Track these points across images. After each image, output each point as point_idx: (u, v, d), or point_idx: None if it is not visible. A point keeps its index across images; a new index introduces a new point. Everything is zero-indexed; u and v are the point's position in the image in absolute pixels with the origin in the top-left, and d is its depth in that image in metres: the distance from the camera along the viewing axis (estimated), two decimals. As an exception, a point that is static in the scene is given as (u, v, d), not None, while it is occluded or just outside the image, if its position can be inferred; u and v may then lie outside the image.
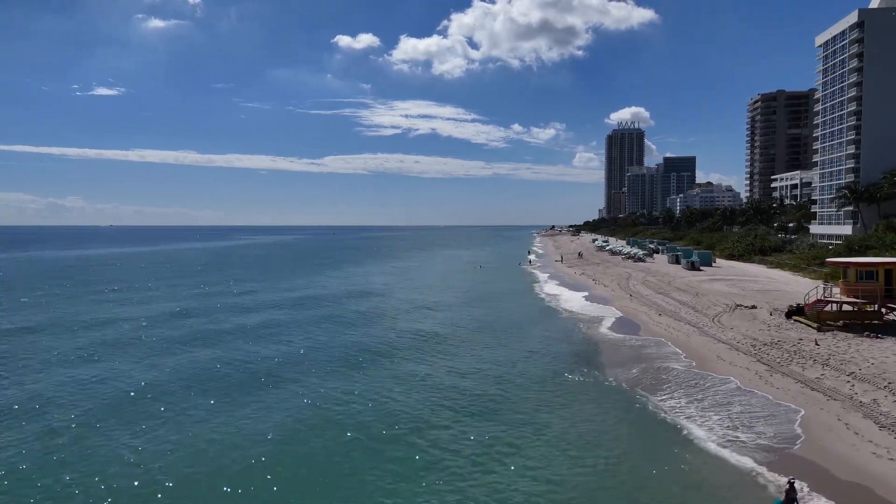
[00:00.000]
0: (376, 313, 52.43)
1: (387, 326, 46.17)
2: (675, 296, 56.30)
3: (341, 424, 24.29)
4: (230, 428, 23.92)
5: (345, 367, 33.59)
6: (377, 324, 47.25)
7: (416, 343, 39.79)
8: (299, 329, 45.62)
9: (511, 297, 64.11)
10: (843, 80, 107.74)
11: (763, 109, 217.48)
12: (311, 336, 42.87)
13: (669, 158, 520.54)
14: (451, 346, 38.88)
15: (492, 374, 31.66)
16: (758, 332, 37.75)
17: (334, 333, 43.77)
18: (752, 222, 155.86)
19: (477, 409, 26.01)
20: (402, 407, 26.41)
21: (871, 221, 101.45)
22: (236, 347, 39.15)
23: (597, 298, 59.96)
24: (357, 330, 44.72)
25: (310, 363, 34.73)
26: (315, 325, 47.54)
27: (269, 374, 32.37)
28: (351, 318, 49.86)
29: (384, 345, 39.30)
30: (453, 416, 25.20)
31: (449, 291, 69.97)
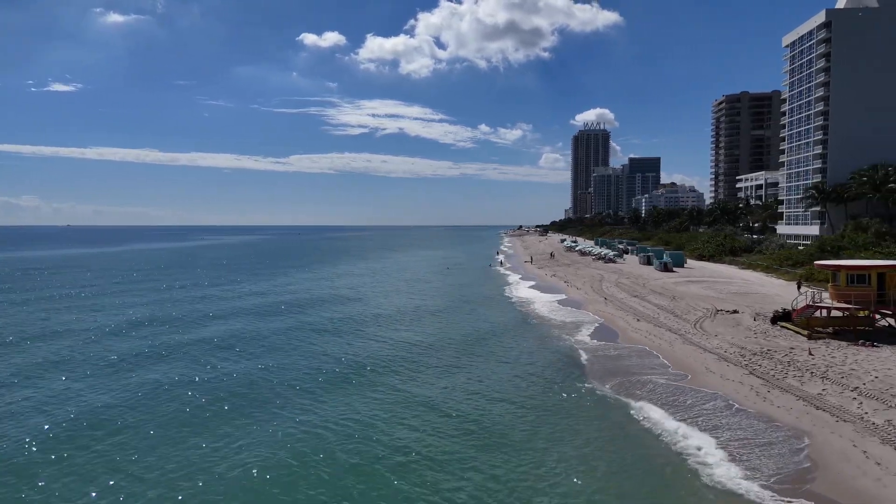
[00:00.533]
0: (340, 323, 48.61)
1: (352, 339, 42.41)
2: (652, 299, 53.98)
3: (317, 452, 20.81)
4: (193, 462, 20.26)
5: (314, 386, 29.86)
6: (342, 335, 43.42)
7: (386, 358, 36.15)
8: (261, 341, 41.66)
9: (481, 303, 61.07)
10: (811, 80, 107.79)
11: (727, 111, 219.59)
12: (274, 348, 38.98)
13: (635, 159, 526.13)
14: (423, 361, 35.52)
15: (468, 392, 28.45)
16: (745, 340, 35.36)
17: (299, 346, 39.89)
18: (718, 222, 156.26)
19: (456, 431, 22.79)
20: (378, 432, 23.05)
21: (839, 222, 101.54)
22: (195, 364, 34.99)
23: (571, 302, 57.32)
24: (322, 344, 40.71)
25: (273, 382, 30.94)
26: (278, 335, 43.65)
27: (232, 394, 28.56)
28: (315, 330, 45.82)
29: (352, 360, 35.51)
30: (429, 439, 21.92)
31: (416, 297, 66.61)
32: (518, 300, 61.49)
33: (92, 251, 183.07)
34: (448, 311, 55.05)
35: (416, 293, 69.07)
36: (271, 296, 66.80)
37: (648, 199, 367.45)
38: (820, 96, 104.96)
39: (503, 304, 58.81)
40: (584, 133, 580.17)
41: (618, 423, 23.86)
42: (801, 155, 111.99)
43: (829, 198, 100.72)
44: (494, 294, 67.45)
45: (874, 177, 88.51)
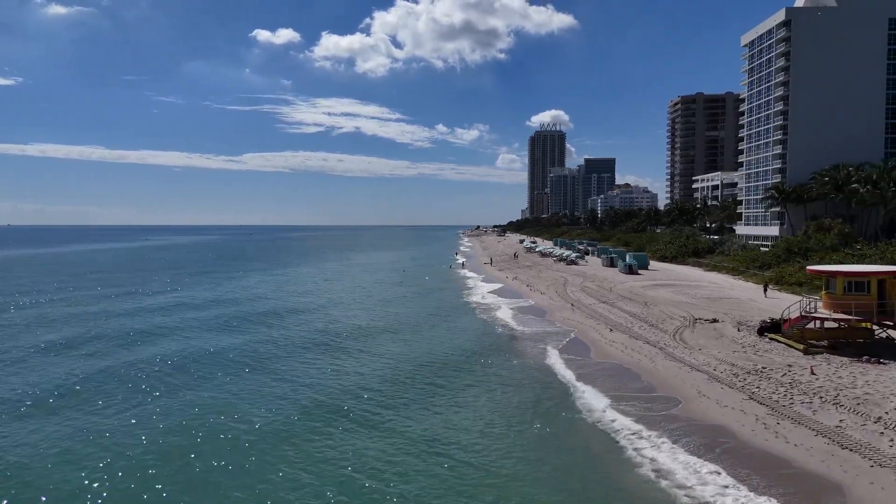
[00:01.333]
0: (281, 345, 42.92)
1: (299, 366, 36.97)
2: (622, 306, 50.26)
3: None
4: None
5: (230, 449, 24.58)
6: (283, 362, 37.63)
7: (330, 394, 30.99)
8: (171, 377, 35.97)
9: (440, 311, 56.37)
10: (770, 79, 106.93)
11: (683, 111, 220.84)
12: (196, 382, 33.25)
13: (590, 160, 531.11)
14: (375, 392, 30.59)
15: (430, 440, 23.68)
16: (733, 355, 31.64)
17: (220, 385, 34.22)
18: (676, 223, 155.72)
19: (418, 485, 18.00)
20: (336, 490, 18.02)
21: (799, 222, 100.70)
22: (95, 404, 29.25)
23: (535, 310, 53.14)
24: (247, 383, 34.64)
25: (201, 435, 25.52)
26: (199, 361, 37.92)
27: (137, 442, 23.05)
28: (243, 357, 39.69)
29: (297, 397, 30.13)
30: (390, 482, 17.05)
31: (368, 306, 61.49)
32: (480, 307, 57.01)
33: (29, 252, 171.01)
34: (403, 322, 50.12)
35: (369, 301, 63.92)
36: (204, 307, 60.62)
37: (604, 200, 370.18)
38: (779, 96, 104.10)
39: (464, 313, 54.21)
40: (541, 134, 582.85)
41: (620, 479, 19.43)
42: (760, 155, 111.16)
43: (790, 198, 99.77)
44: (454, 301, 62.84)
45: (836, 177, 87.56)
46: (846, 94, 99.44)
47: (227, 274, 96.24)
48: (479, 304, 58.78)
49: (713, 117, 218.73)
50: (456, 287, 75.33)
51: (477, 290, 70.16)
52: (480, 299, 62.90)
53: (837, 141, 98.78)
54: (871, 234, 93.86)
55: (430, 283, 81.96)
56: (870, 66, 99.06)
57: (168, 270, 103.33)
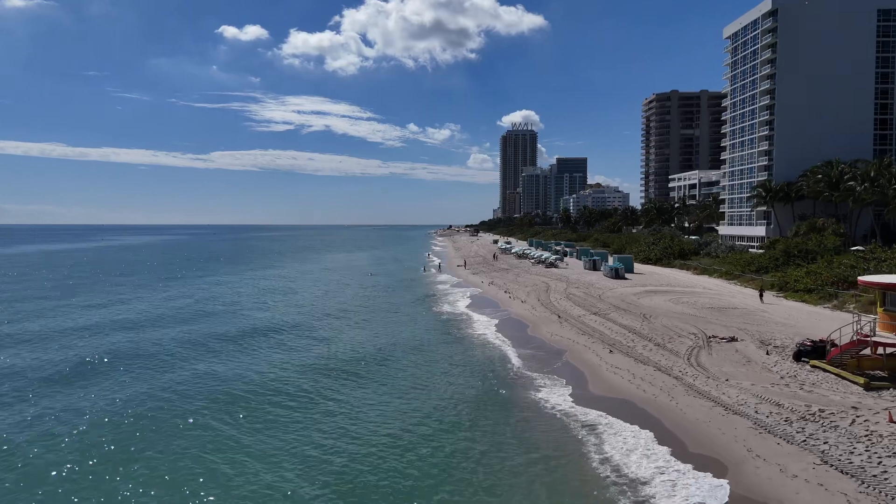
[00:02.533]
0: (219, 370, 35.47)
1: (240, 394, 29.64)
2: (617, 318, 43.75)
3: None
4: None
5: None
6: (219, 394, 30.38)
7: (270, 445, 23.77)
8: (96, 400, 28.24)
9: (409, 325, 49.25)
10: (755, 72, 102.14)
11: (658, 109, 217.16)
12: (122, 407, 25.70)
13: (562, 159, 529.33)
14: (329, 436, 23.41)
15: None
16: (773, 389, 25.19)
17: (152, 412, 26.74)
18: (654, 223, 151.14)
19: None
20: None
21: (786, 222, 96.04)
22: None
23: (517, 324, 46.32)
24: (186, 411, 27.70)
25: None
26: (122, 387, 30.25)
27: None
28: (181, 383, 32.60)
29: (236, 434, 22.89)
30: None
31: (329, 317, 54.03)
32: (454, 319, 49.99)
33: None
34: (366, 340, 42.85)
35: (330, 311, 56.40)
36: (146, 318, 52.46)
37: (576, 200, 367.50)
38: (765, 90, 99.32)
39: (437, 328, 47.10)
40: (513, 133, 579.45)
41: None
42: (744, 152, 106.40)
43: (777, 197, 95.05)
44: (424, 311, 55.69)
45: (830, 174, 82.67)
46: (835, 88, 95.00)
47: (168, 278, 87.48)
48: (451, 315, 51.73)
49: (688, 115, 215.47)
50: (425, 293, 68.22)
51: (450, 298, 63.10)
52: (453, 307, 55.91)
53: (827, 137, 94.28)
54: (861, 236, 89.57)
55: (398, 288, 74.70)
56: (859, 58, 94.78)
57: (109, 274, 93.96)
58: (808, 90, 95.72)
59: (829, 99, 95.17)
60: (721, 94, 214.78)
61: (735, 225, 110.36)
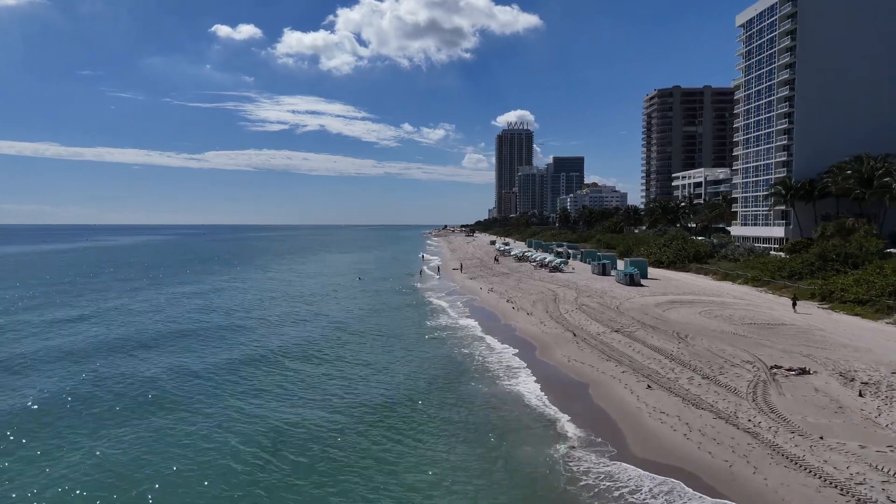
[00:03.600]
0: (170, 398, 28.24)
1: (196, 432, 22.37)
2: (643, 336, 36.55)
3: None
4: None
5: None
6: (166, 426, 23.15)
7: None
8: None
9: (397, 346, 42.07)
10: (772, 61, 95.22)
11: (659, 106, 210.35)
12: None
13: (559, 158, 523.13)
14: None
15: None
16: (895, 456, 18.09)
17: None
18: (660, 223, 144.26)
19: None
20: None
21: (807, 222, 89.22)
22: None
23: (524, 343, 39.06)
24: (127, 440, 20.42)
25: None
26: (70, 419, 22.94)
27: None
28: (128, 410, 25.35)
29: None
30: None
31: (304, 333, 46.79)
32: (451, 338, 42.74)
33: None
34: (347, 365, 35.63)
35: (308, 324, 49.14)
36: (88, 322, 45.06)
37: (573, 199, 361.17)
38: (784, 80, 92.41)
39: (430, 349, 39.84)
40: (508, 133, 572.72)
41: None
42: (760, 147, 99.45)
43: (798, 195, 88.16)
44: (416, 326, 48.43)
45: (861, 169, 75.69)
46: (861, 77, 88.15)
47: (140, 282, 79.92)
48: (447, 331, 44.47)
49: (690, 112, 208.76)
50: (418, 302, 60.97)
51: (444, 309, 55.81)
52: (449, 321, 48.67)
53: (852, 131, 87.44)
54: (887, 234, 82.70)
55: (388, 295, 67.44)
56: (888, 45, 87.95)
57: (78, 276, 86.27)
58: (830, 80, 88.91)
59: (853, 90, 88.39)
60: (725, 90, 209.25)
61: (749, 225, 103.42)
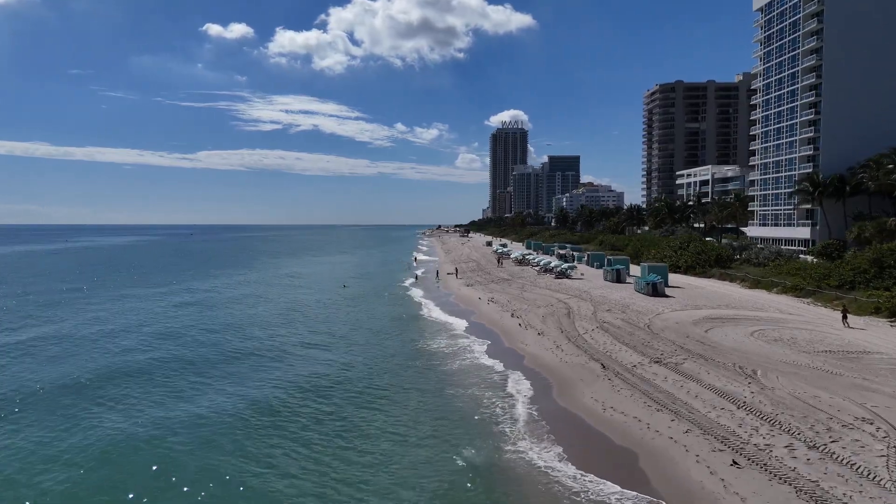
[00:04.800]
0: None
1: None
2: (695, 370, 28.15)
3: None
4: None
5: None
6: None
7: None
8: None
9: (381, 381, 33.62)
10: (795, 47, 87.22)
11: (661, 101, 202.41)
12: None
13: (555, 157, 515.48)
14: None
15: None
16: None
17: None
18: (666, 223, 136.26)
19: None
20: None
21: (837, 222, 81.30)
22: None
23: (537, 378, 30.64)
24: None
25: None
26: None
27: None
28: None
29: None
30: None
31: (266, 363, 38.25)
32: (444, 366, 34.33)
33: None
34: (313, 411, 27.16)
35: (274, 349, 40.62)
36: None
37: (570, 199, 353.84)
38: (810, 67, 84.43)
39: (421, 385, 31.43)
40: (503, 132, 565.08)
41: None
42: (782, 141, 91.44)
43: (826, 192, 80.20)
44: (404, 351, 40.00)
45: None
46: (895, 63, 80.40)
47: (98, 290, 71.02)
48: (439, 358, 36.01)
49: (693, 108, 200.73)
50: (407, 317, 52.52)
51: (439, 327, 47.36)
52: (443, 342, 40.24)
53: (886, 121, 79.55)
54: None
55: (374, 307, 58.97)
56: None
57: (25, 283, 77.22)
58: (861, 66, 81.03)
59: (887, 76, 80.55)
60: (729, 85, 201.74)
61: (769, 226, 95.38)
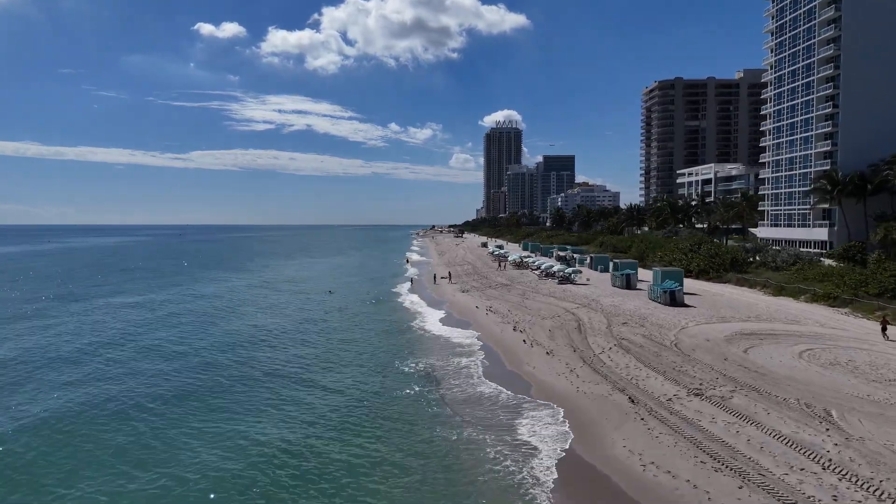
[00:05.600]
0: None
1: None
2: (747, 407, 22.64)
3: None
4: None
5: None
6: None
7: None
8: None
9: (357, 417, 27.98)
10: (811, 36, 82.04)
11: (660, 99, 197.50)
12: None
13: (549, 157, 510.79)
14: None
15: None
16: None
17: None
18: (669, 223, 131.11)
19: None
20: None
21: (857, 223, 76.15)
22: None
23: (554, 418, 25.09)
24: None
25: None
26: None
27: None
28: None
29: None
30: None
31: (221, 390, 32.56)
32: (435, 395, 28.67)
33: None
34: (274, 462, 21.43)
35: (234, 378, 34.89)
36: None
37: (565, 199, 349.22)
38: (827, 57, 79.24)
39: (408, 423, 25.77)
40: (497, 131, 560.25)
41: None
42: (796, 136, 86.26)
43: (846, 190, 75.00)
44: (389, 376, 34.36)
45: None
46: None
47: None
48: (435, 387, 30.36)
49: (693, 105, 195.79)
50: (399, 332, 46.87)
51: (431, 343, 41.69)
52: (438, 368, 34.58)
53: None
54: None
55: (361, 320, 53.30)
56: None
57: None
58: (883, 56, 75.89)
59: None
60: (730, 82, 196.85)
61: (782, 226, 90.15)
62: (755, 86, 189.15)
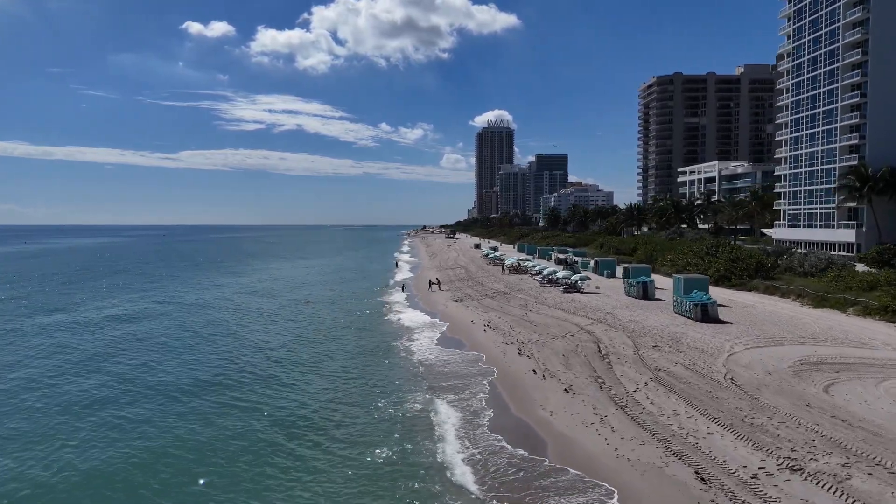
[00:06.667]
0: None
1: None
2: (877, 496, 15.46)
3: None
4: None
5: None
6: None
7: None
8: None
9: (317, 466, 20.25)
10: (835, 19, 75.23)
11: (658, 95, 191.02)
12: None
13: (542, 156, 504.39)
14: None
15: None
16: None
17: None
18: (672, 224, 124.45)
19: None
20: None
21: (887, 223, 69.37)
22: None
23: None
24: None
25: None
26: None
27: None
28: None
29: None
30: None
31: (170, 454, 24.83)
32: (421, 461, 21.18)
33: None
34: None
35: (179, 422, 27.26)
36: None
37: (558, 198, 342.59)
38: (853, 42, 72.46)
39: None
40: (488, 131, 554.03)
41: None
42: (818, 129, 79.41)
43: (877, 188, 68.26)
44: (358, 426, 26.88)
45: None
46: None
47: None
48: (419, 445, 22.87)
49: (693, 101, 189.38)
50: (381, 354, 39.26)
51: (416, 370, 34.05)
52: (419, 412, 27.07)
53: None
54: None
55: (339, 337, 45.69)
56: None
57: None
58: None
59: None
60: (731, 77, 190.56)
61: (802, 227, 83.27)
62: (756, 81, 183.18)
